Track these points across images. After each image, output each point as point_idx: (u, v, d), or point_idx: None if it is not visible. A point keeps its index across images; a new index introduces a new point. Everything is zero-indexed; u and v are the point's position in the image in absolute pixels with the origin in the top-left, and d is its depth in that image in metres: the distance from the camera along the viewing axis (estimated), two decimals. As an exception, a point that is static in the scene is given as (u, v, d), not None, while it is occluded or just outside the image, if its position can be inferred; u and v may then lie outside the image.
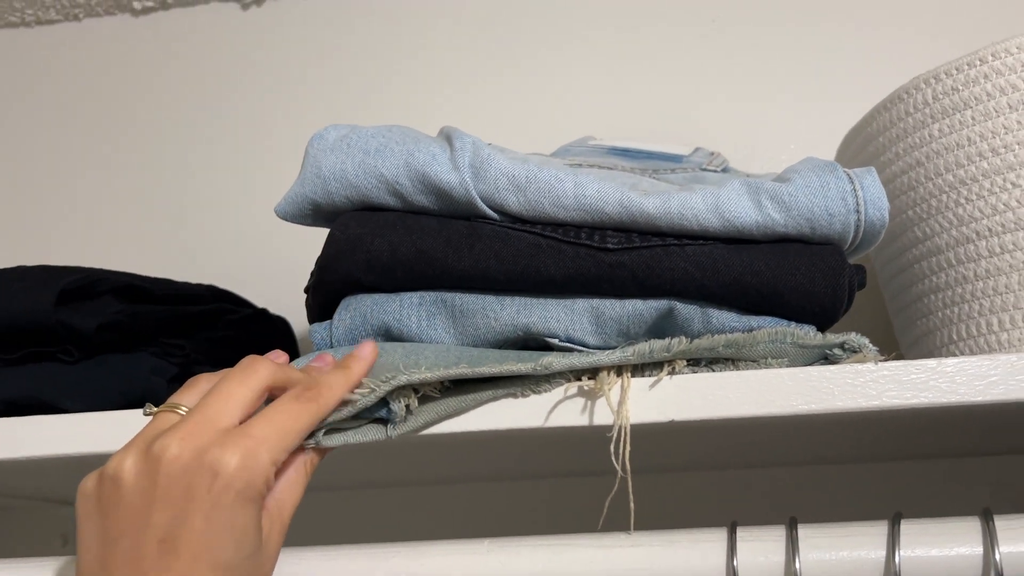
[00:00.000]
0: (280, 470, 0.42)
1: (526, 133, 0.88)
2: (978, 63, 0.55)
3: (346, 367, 0.45)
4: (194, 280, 0.69)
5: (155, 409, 0.44)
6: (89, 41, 1.00)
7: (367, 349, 0.47)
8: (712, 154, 0.67)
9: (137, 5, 0.98)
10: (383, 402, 0.45)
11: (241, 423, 0.41)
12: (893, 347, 0.64)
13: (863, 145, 0.63)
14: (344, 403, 0.45)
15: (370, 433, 0.46)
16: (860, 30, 0.85)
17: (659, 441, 0.51)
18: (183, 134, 0.96)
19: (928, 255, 0.58)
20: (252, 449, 0.40)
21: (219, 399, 0.41)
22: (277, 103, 0.95)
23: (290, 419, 0.42)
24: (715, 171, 0.62)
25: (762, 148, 0.84)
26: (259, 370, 0.43)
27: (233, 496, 0.39)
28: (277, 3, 0.97)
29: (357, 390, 0.45)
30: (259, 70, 0.96)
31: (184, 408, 0.43)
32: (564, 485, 0.74)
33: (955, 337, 0.57)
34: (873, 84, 0.79)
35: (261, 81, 0.96)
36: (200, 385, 0.45)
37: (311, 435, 0.44)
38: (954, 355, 0.56)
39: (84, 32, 1.00)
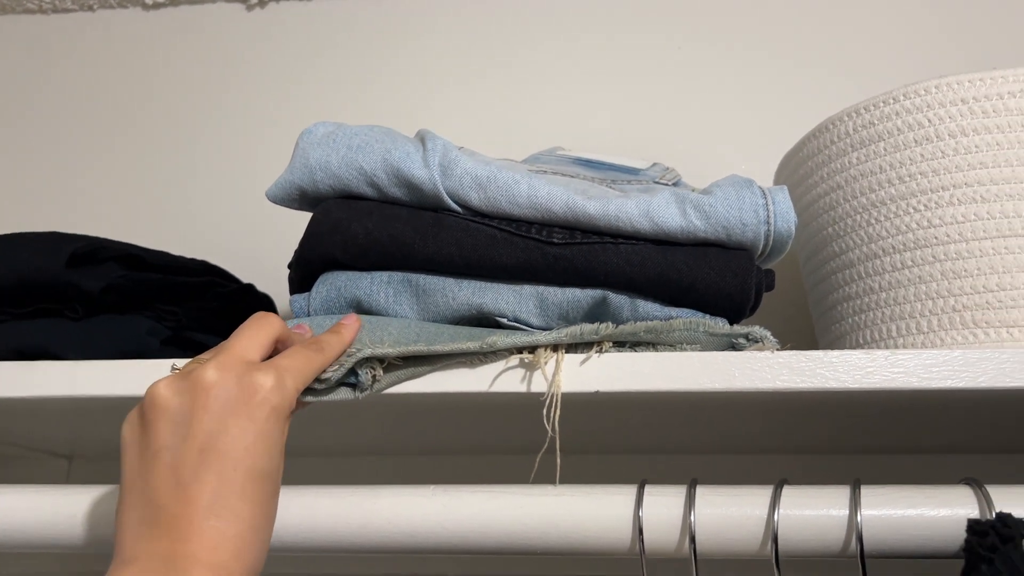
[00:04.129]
0: None
1: (501, 139, 0.95)
2: (892, 101, 0.62)
3: (338, 332, 0.52)
4: (190, 255, 0.74)
5: (180, 365, 0.49)
6: (102, 31, 1.06)
7: (353, 318, 0.53)
8: (667, 169, 0.74)
9: (148, 0, 1.04)
10: (352, 371, 0.51)
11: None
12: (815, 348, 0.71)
13: (796, 167, 0.70)
14: (318, 379, 0.50)
15: (340, 393, 0.53)
16: (803, 64, 0.93)
17: (587, 414, 0.58)
18: (185, 122, 1.02)
19: (843, 267, 0.65)
20: (282, 374, 0.45)
21: (243, 339, 0.47)
22: (273, 98, 1.01)
23: (306, 360, 0.48)
24: (667, 185, 0.68)
25: (717, 165, 0.91)
26: (272, 321, 0.49)
27: (268, 410, 0.44)
28: (278, 5, 1.04)
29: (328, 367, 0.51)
30: (258, 67, 1.02)
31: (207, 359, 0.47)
32: (502, 460, 0.81)
33: (861, 341, 0.64)
34: (813, 111, 0.87)
35: (259, 77, 1.02)
36: (214, 348, 0.49)
37: None
38: (857, 356, 0.63)
39: (97, 22, 1.06)
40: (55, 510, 0.55)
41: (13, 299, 0.63)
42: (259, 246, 0.93)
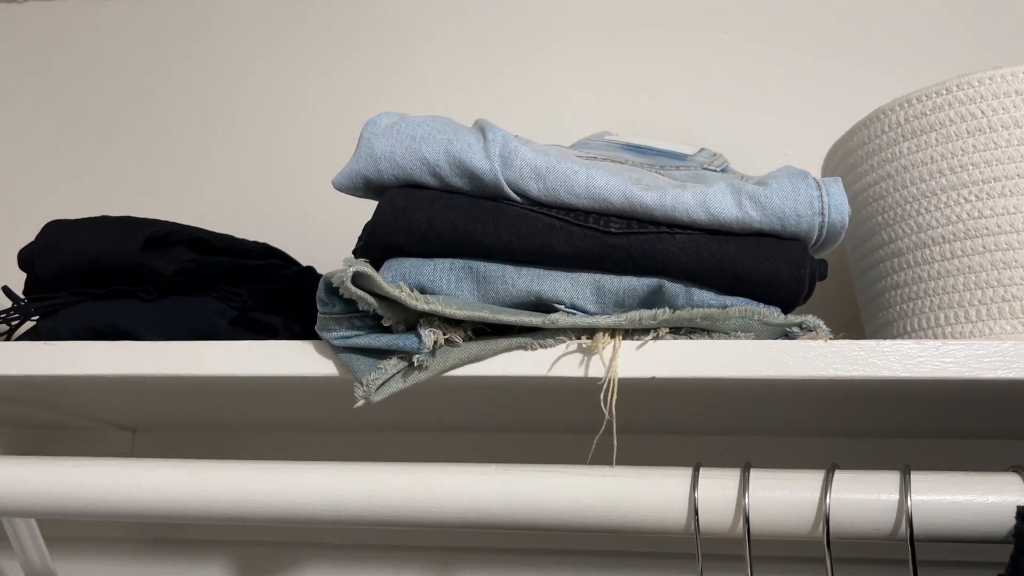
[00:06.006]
0: None
1: (547, 125, 0.96)
2: (944, 92, 0.63)
3: None
4: (252, 238, 0.77)
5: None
6: (147, 15, 1.08)
7: None
8: (714, 155, 0.75)
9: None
10: (415, 332, 0.54)
11: None
12: (861, 334, 0.73)
13: (845, 156, 0.71)
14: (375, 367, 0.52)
15: (411, 379, 0.54)
16: (854, 51, 0.93)
17: (642, 398, 0.60)
18: (244, 110, 1.04)
19: (892, 256, 0.66)
20: None
21: None
22: (336, 85, 1.03)
23: None
24: (715, 171, 0.69)
25: (763, 151, 0.92)
26: None
27: None
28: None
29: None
30: (315, 54, 1.05)
31: None
32: (560, 439, 0.83)
33: (909, 329, 0.65)
34: (862, 101, 0.88)
35: (320, 60, 1.04)
36: None
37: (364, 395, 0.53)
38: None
39: (141, 5, 1.08)
40: (122, 481, 0.58)
41: (90, 280, 0.66)
42: (324, 230, 0.95)
